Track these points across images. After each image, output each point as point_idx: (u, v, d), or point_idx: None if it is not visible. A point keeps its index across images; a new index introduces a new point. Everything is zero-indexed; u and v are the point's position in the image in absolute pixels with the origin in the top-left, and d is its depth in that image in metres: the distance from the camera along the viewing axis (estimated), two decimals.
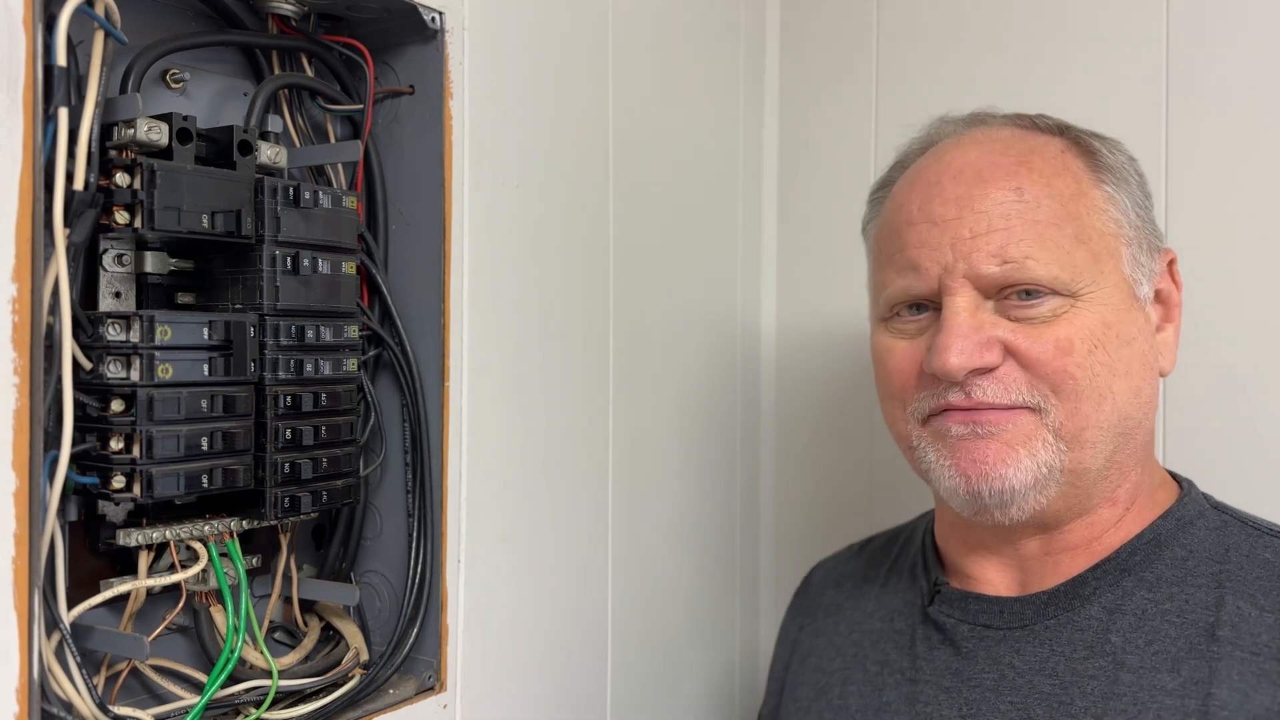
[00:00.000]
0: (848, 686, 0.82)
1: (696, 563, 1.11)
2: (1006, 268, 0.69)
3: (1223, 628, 0.67)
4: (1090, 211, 0.71)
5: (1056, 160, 0.72)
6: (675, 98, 1.06)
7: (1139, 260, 0.72)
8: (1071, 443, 0.69)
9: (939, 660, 0.76)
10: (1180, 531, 0.73)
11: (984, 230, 0.70)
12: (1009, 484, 0.69)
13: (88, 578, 0.68)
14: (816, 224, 1.20)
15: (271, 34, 0.77)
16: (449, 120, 0.79)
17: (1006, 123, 0.77)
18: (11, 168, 0.54)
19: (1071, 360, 0.69)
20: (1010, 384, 0.69)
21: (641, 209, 1.01)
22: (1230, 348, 0.94)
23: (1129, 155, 0.76)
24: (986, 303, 0.71)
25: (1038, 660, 0.72)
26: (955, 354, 0.68)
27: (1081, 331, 0.69)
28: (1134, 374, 0.71)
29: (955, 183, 0.72)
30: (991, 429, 0.70)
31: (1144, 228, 0.73)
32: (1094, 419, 0.69)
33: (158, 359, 0.64)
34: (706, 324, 1.12)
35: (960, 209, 0.71)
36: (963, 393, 0.70)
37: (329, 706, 0.73)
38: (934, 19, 1.11)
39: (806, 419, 1.21)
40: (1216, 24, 0.95)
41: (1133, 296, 0.72)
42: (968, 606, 0.77)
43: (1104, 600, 0.71)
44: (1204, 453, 0.94)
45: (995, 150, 0.73)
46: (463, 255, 0.80)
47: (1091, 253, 0.70)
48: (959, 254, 0.70)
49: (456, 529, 0.80)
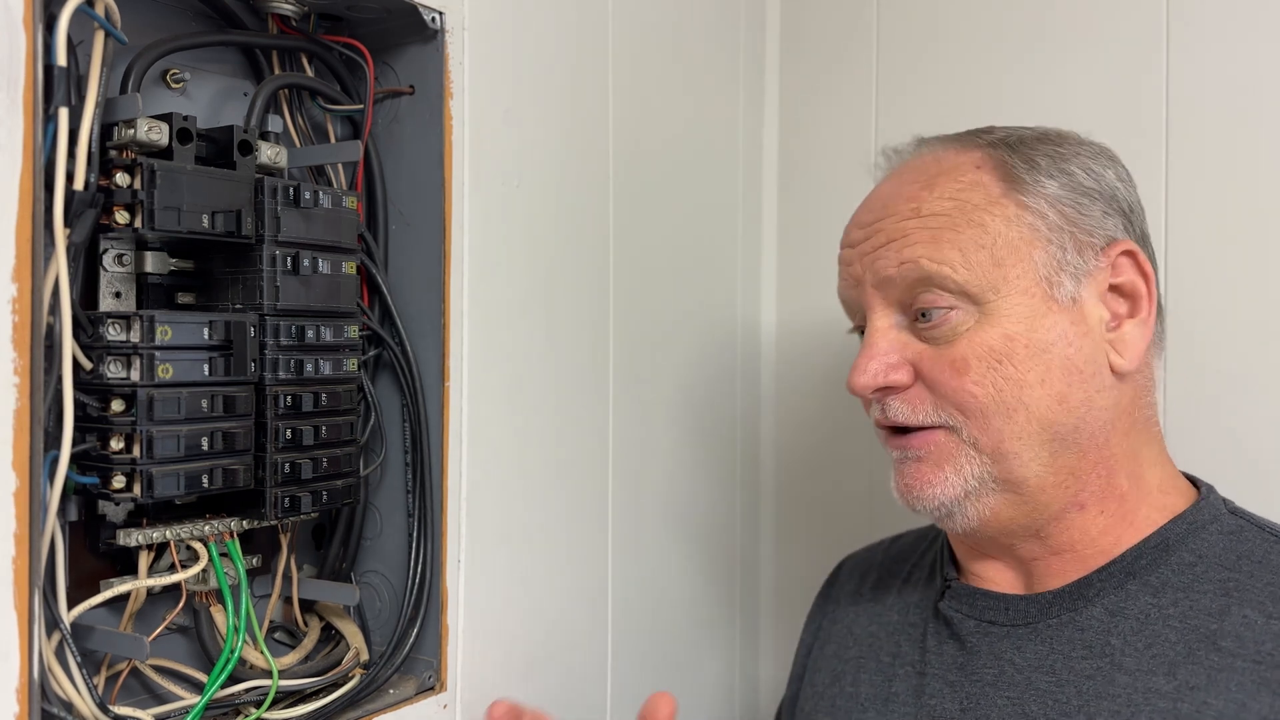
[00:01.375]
0: (860, 675, 0.83)
1: (696, 563, 1.11)
2: (904, 267, 0.72)
3: (1226, 637, 0.67)
4: (997, 219, 0.72)
5: (966, 177, 0.74)
6: (675, 97, 1.06)
7: (1061, 259, 0.71)
8: (993, 455, 0.71)
9: (946, 654, 0.78)
10: (1190, 536, 0.72)
11: (884, 242, 0.74)
12: (939, 500, 0.73)
13: (88, 578, 0.68)
14: (816, 224, 1.20)
15: (271, 34, 0.77)
16: (449, 120, 0.79)
17: (934, 145, 0.79)
18: (11, 168, 0.54)
19: (969, 379, 0.70)
20: (917, 404, 0.73)
21: (641, 209, 1.01)
22: (1230, 348, 0.94)
23: (1066, 155, 0.74)
24: (904, 323, 0.74)
25: (1037, 658, 0.72)
26: (861, 373, 0.73)
27: (979, 349, 0.70)
28: (1053, 380, 0.70)
29: (868, 212, 0.78)
30: (918, 452, 0.73)
31: (1070, 227, 0.72)
32: (1008, 432, 0.70)
33: (158, 359, 0.64)
34: (706, 324, 1.12)
35: (867, 232, 0.76)
36: (880, 410, 0.75)
37: (329, 706, 0.73)
38: (934, 19, 1.11)
39: (806, 419, 1.21)
40: (1216, 23, 0.95)
41: (1049, 299, 0.71)
42: (975, 602, 0.78)
43: (1107, 602, 0.72)
44: (1204, 453, 0.94)
45: (905, 180, 0.77)
46: (463, 255, 0.80)
47: (993, 257, 0.71)
48: (865, 265, 0.75)
49: (456, 529, 0.80)
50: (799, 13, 1.21)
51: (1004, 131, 0.77)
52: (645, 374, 1.02)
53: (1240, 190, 0.94)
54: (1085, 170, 0.74)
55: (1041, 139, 0.76)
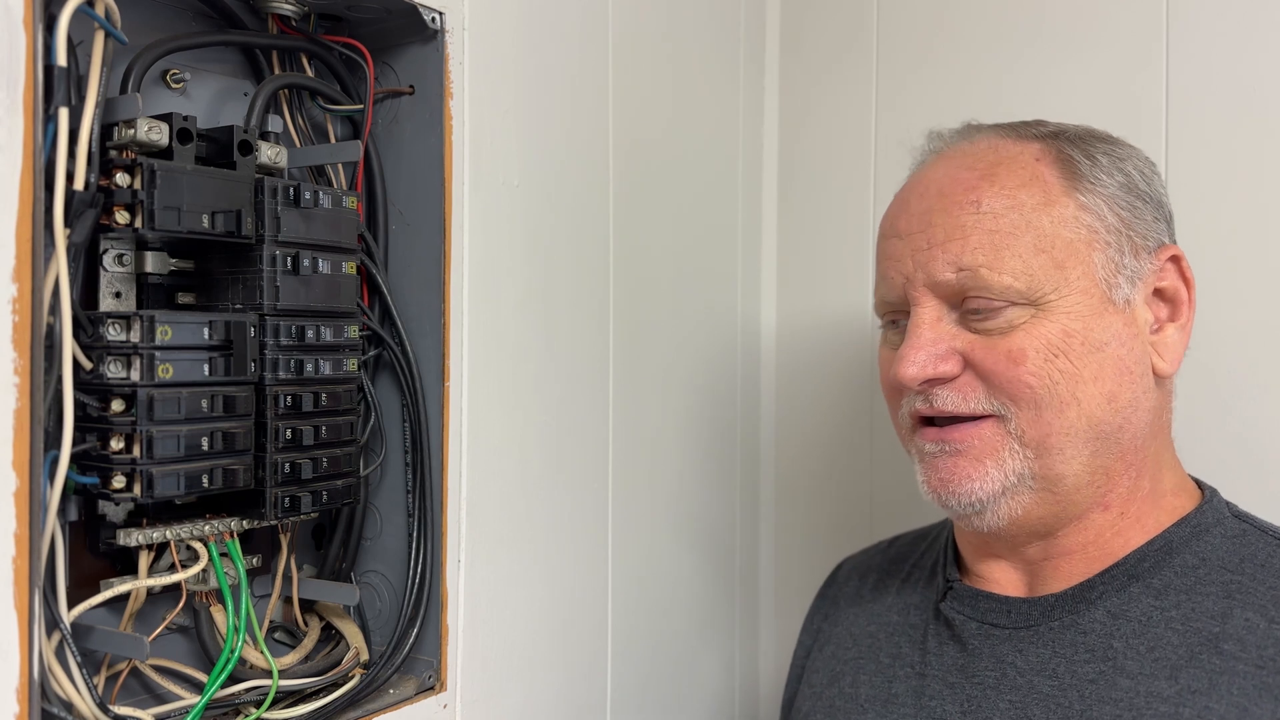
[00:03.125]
0: (859, 676, 0.83)
1: (696, 562, 1.11)
2: (961, 275, 0.71)
3: (1228, 640, 0.67)
4: (1056, 220, 0.71)
5: (1025, 170, 0.73)
6: (675, 97, 1.06)
7: (1119, 262, 0.72)
8: (1038, 449, 0.71)
9: (947, 656, 0.78)
10: (1194, 539, 0.73)
11: (940, 240, 0.72)
12: (976, 496, 0.72)
13: (88, 578, 0.68)
14: (816, 224, 1.20)
15: (271, 34, 0.77)
16: (449, 120, 0.79)
17: (988, 133, 0.77)
18: (11, 168, 0.54)
19: (1025, 369, 0.70)
20: (969, 393, 0.72)
21: (641, 209, 1.01)
22: (1230, 349, 0.94)
23: (1121, 156, 0.75)
24: (951, 314, 0.73)
25: (1039, 661, 0.72)
26: (910, 364, 0.72)
27: (1037, 341, 0.70)
28: (1106, 379, 0.71)
29: (920, 199, 0.75)
30: (959, 446, 0.72)
31: (1126, 230, 0.72)
32: (1057, 426, 0.70)
33: (158, 359, 0.64)
34: (707, 323, 1.12)
35: (921, 223, 0.74)
36: (926, 401, 0.73)
37: (329, 706, 0.73)
38: (933, 19, 1.11)
39: (806, 419, 1.21)
40: (1216, 22, 0.95)
41: (1106, 300, 0.71)
42: (977, 604, 0.78)
43: (1109, 605, 0.72)
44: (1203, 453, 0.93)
45: (962, 165, 0.75)
46: (463, 255, 0.80)
47: (1054, 260, 0.71)
48: (918, 264, 0.73)
49: (456, 529, 0.80)
50: (799, 12, 1.21)
51: (1055, 125, 0.77)
52: (645, 374, 1.02)
53: (1240, 190, 0.94)
54: (1139, 172, 0.75)
55: (1095, 136, 0.76)
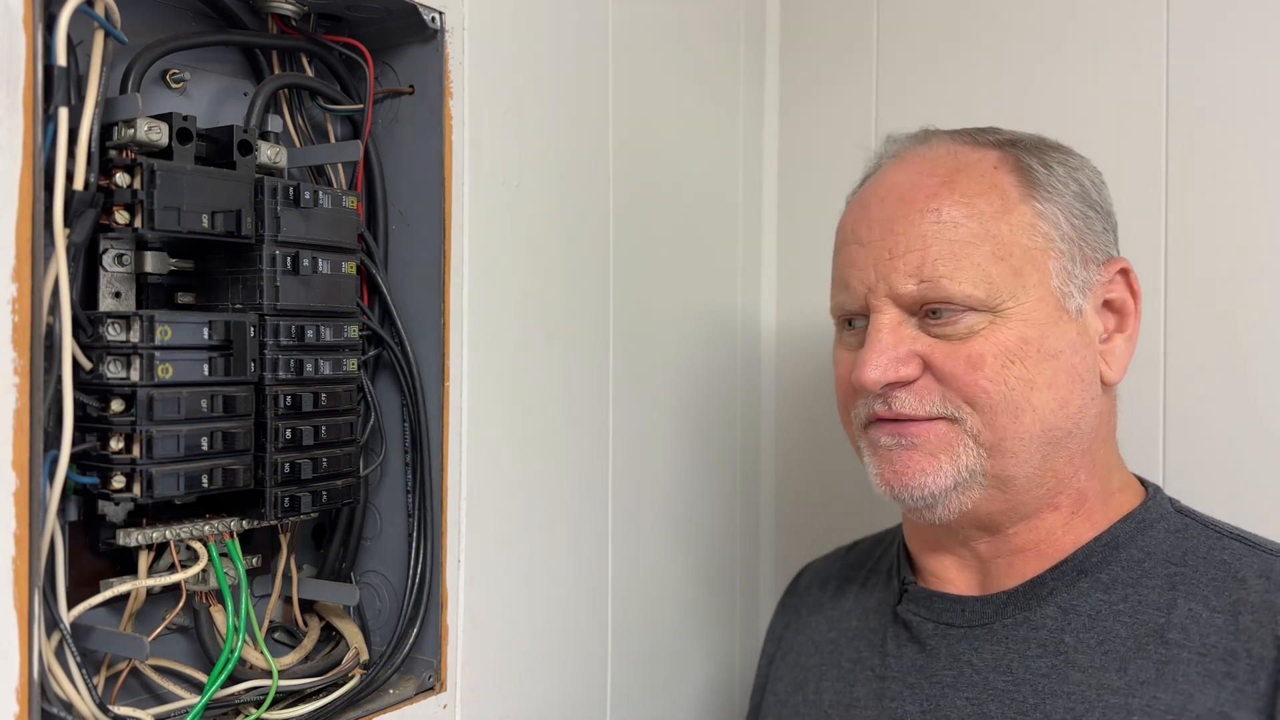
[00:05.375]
0: (823, 682, 0.85)
1: (696, 562, 1.11)
2: (922, 286, 0.72)
3: (1172, 630, 0.69)
4: (1014, 228, 0.73)
5: (985, 178, 0.74)
6: (675, 97, 1.06)
7: (1071, 272, 0.73)
8: (992, 450, 0.72)
9: (906, 657, 0.79)
10: (1138, 534, 0.75)
11: (902, 251, 0.73)
12: (929, 490, 0.73)
13: (88, 578, 0.67)
14: (816, 224, 1.19)
15: (271, 34, 0.77)
16: (449, 120, 0.79)
17: (946, 139, 0.78)
18: (11, 168, 0.54)
19: (983, 374, 0.71)
20: (925, 396, 0.73)
21: (641, 208, 1.01)
22: (1230, 349, 0.94)
23: (1074, 166, 0.76)
24: (910, 319, 0.74)
25: (994, 658, 0.74)
26: (871, 369, 0.73)
27: (995, 347, 0.71)
28: (1059, 386, 0.72)
29: (881, 205, 0.76)
30: (914, 440, 0.74)
31: (1080, 240, 0.74)
32: (1012, 430, 0.71)
33: (158, 359, 0.64)
34: (707, 323, 1.12)
35: (882, 231, 0.75)
36: (885, 404, 0.74)
37: (329, 706, 0.73)
38: (934, 19, 1.11)
39: (806, 418, 1.21)
40: (1216, 24, 0.95)
41: (1060, 309, 0.73)
42: (933, 605, 0.79)
43: (1060, 600, 0.74)
44: (1204, 454, 0.94)
45: (923, 172, 0.76)
46: (463, 255, 0.80)
47: (1012, 268, 0.72)
48: (880, 274, 0.74)
49: (456, 529, 0.80)
50: (799, 12, 1.21)
51: (1009, 134, 0.78)
52: (645, 373, 1.02)
53: (1240, 193, 0.94)
54: (1091, 183, 0.77)
55: (1049, 145, 0.77)
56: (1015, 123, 0.80)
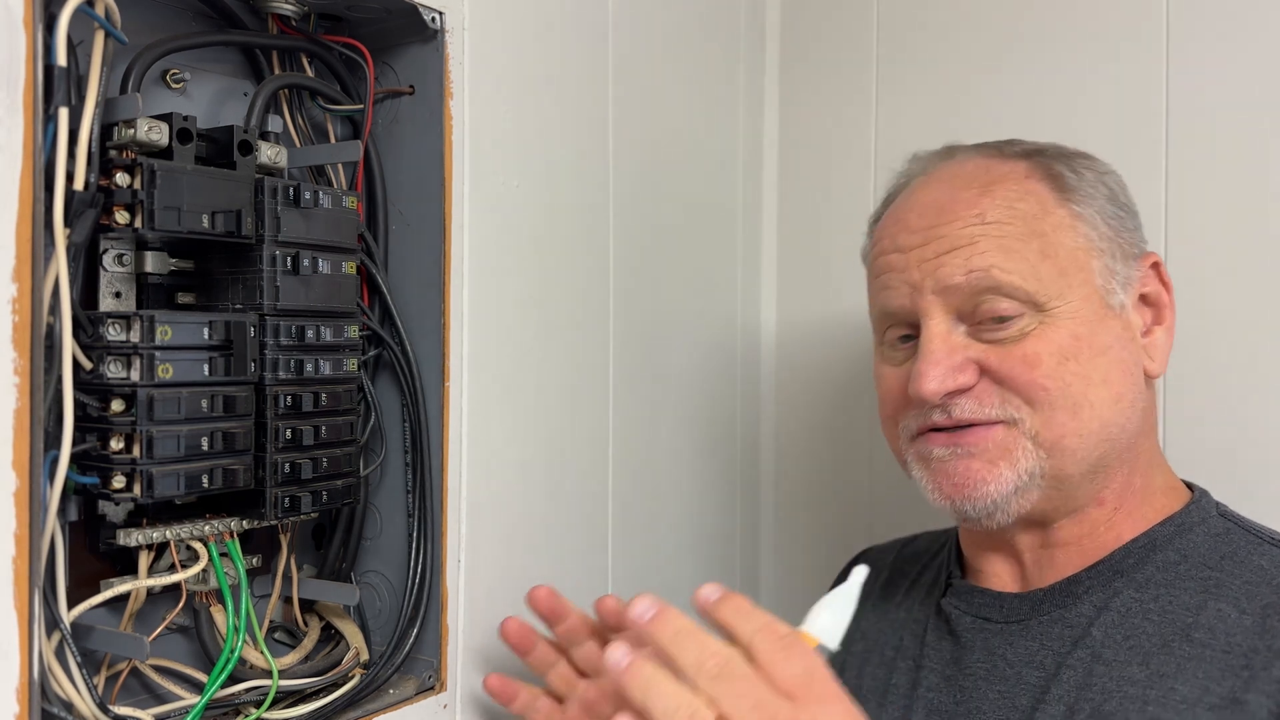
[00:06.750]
0: (864, 669, 0.86)
1: (696, 563, 1.11)
2: (972, 276, 0.72)
3: (1199, 629, 0.69)
4: (1056, 229, 0.74)
5: (1019, 185, 0.75)
6: (675, 97, 1.06)
7: (1113, 269, 0.74)
8: (1051, 450, 0.72)
9: (944, 649, 0.80)
10: (1176, 537, 0.75)
11: (948, 249, 0.74)
12: (991, 498, 0.73)
13: (88, 578, 0.67)
14: (816, 224, 1.20)
15: (271, 34, 0.77)
16: (449, 120, 0.79)
17: (973, 154, 0.79)
18: (11, 168, 0.54)
19: (1041, 372, 0.72)
20: (986, 400, 0.73)
21: (641, 209, 1.01)
22: (1230, 350, 0.94)
23: (1100, 170, 0.78)
24: (960, 326, 0.74)
25: (1028, 653, 0.75)
26: (930, 379, 0.72)
27: (1049, 346, 0.72)
28: (1113, 381, 0.73)
29: (921, 217, 0.76)
30: (971, 449, 0.73)
31: (1116, 238, 0.75)
32: (1072, 427, 0.72)
33: (158, 359, 0.64)
34: (707, 324, 1.12)
35: (925, 236, 0.75)
36: (944, 412, 0.74)
37: (329, 706, 0.73)
38: (934, 21, 1.11)
39: (806, 419, 1.21)
40: (1217, 27, 0.95)
41: (1105, 306, 0.74)
42: (972, 600, 0.80)
43: (1095, 599, 0.74)
44: (1204, 454, 0.94)
45: (958, 185, 0.76)
46: (463, 255, 0.80)
47: (1058, 267, 0.73)
48: (925, 271, 0.74)
49: (456, 529, 0.80)
50: (799, 14, 1.21)
51: (1031, 144, 0.79)
52: (645, 374, 1.02)
53: (1240, 194, 0.94)
54: (1117, 185, 0.78)
55: (1071, 152, 0.79)
56: (1016, 122, 0.81)
